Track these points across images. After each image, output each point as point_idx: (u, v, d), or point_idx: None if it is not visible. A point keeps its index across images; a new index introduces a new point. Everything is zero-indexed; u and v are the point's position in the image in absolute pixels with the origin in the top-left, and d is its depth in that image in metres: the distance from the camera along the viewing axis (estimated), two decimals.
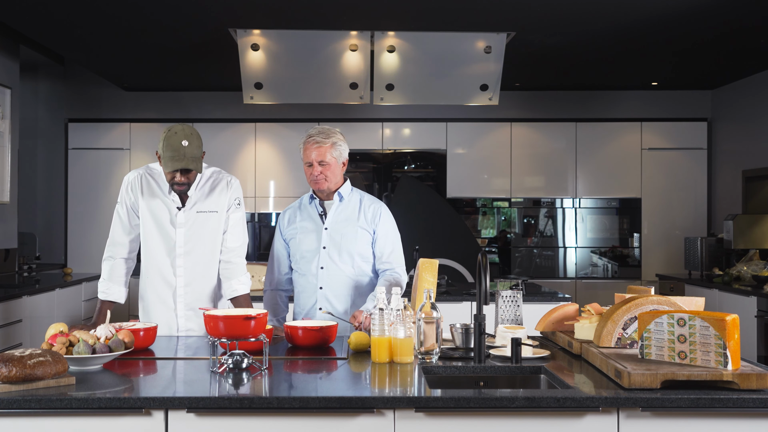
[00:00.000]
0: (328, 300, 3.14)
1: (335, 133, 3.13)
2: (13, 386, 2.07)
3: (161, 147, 2.96)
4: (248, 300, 3.15)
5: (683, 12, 5.10)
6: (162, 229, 3.09)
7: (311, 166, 3.10)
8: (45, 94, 7.81)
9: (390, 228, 3.20)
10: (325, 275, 3.14)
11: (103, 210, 7.66)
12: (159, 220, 3.09)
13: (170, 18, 5.28)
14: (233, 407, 2.04)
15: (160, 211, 3.09)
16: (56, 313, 5.70)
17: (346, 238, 3.13)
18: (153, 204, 3.10)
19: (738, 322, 2.13)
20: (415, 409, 2.05)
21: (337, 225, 3.15)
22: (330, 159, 3.09)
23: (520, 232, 7.92)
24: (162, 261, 3.10)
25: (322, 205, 3.20)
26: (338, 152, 3.11)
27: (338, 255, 3.13)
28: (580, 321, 2.70)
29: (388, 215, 3.22)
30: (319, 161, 3.08)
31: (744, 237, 6.51)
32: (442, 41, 5.73)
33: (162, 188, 3.10)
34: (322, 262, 3.14)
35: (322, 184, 3.12)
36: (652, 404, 2.04)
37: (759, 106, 7.15)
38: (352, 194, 3.22)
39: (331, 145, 3.09)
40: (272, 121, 7.78)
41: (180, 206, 3.09)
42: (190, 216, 3.09)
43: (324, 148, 3.08)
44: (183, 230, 3.08)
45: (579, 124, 7.82)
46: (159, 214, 3.09)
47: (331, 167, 3.10)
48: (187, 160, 2.94)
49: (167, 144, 2.94)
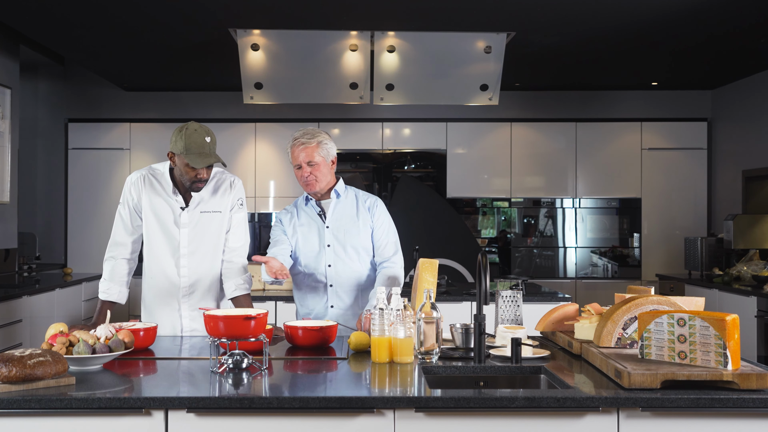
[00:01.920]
0: (338, 296, 3.16)
1: (320, 133, 3.14)
2: (13, 386, 2.07)
3: (181, 146, 2.93)
4: (249, 300, 3.14)
5: (683, 12, 5.10)
6: (166, 229, 3.09)
7: (300, 168, 3.12)
8: (45, 94, 7.81)
9: (386, 219, 3.24)
10: (333, 272, 3.15)
11: (103, 210, 7.67)
12: (163, 220, 3.09)
13: (170, 18, 5.28)
14: (233, 407, 2.04)
15: (164, 211, 3.09)
16: (56, 313, 5.70)
17: (350, 234, 3.15)
18: (156, 204, 3.09)
19: (738, 322, 2.13)
20: (415, 409, 2.05)
21: (339, 222, 3.17)
22: (318, 159, 3.10)
23: (520, 232, 7.92)
24: (166, 261, 3.10)
25: (319, 205, 3.21)
26: (325, 151, 3.12)
27: (344, 251, 3.15)
28: (580, 321, 2.70)
29: (384, 207, 3.26)
30: (308, 162, 3.09)
31: (744, 237, 6.51)
32: (442, 41, 5.73)
33: (165, 189, 3.10)
34: (328, 260, 3.15)
35: (313, 185, 3.13)
36: (652, 404, 2.04)
37: (759, 106, 7.15)
38: (348, 191, 3.25)
39: (317, 145, 3.10)
40: (272, 121, 7.78)
41: (183, 206, 3.09)
42: (194, 216, 3.09)
43: (310, 149, 3.09)
44: (187, 230, 3.09)
45: (579, 124, 7.82)
46: (163, 215, 3.09)
47: (319, 167, 3.11)
48: (214, 156, 2.96)
49: (191, 141, 2.92)
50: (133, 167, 7.70)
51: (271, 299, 4.71)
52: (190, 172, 2.99)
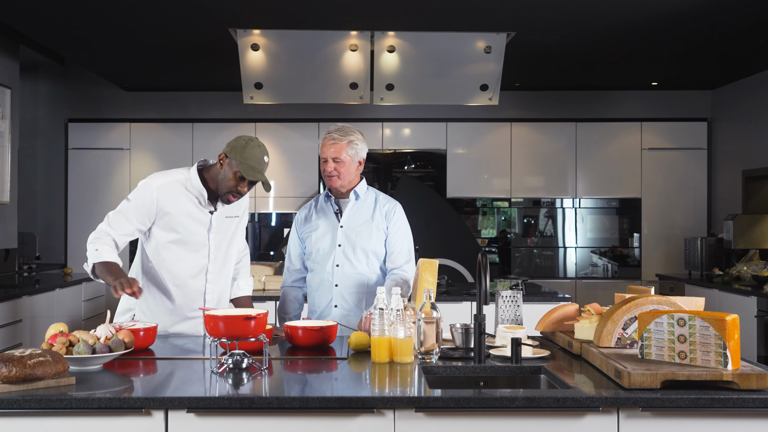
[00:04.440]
0: (343, 297, 3.16)
1: (354, 132, 3.15)
2: (13, 386, 2.07)
3: (241, 155, 2.86)
4: (249, 301, 3.16)
5: (683, 12, 5.10)
6: (195, 235, 2.99)
7: (326, 162, 3.13)
8: (45, 94, 7.81)
9: (402, 226, 3.23)
10: (340, 273, 3.15)
11: (103, 210, 7.60)
12: (192, 226, 2.98)
13: (170, 18, 5.28)
14: (233, 407, 2.04)
15: (196, 216, 2.99)
16: (56, 313, 5.69)
17: (362, 237, 3.15)
18: (189, 209, 2.98)
19: (738, 322, 2.13)
20: (415, 409, 2.05)
21: (353, 223, 3.17)
22: (345, 157, 3.11)
23: (520, 232, 7.92)
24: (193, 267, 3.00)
25: (337, 204, 3.22)
26: (354, 151, 3.13)
27: (353, 253, 3.15)
28: (580, 321, 2.70)
29: (402, 214, 3.25)
30: (334, 158, 3.10)
31: (744, 237, 6.51)
32: (442, 41, 5.73)
33: (195, 194, 2.98)
34: (337, 260, 3.15)
35: (334, 181, 3.13)
36: (652, 404, 2.04)
37: (759, 106, 7.15)
38: (368, 193, 3.24)
39: (347, 143, 3.11)
40: (272, 121, 7.78)
41: (213, 210, 3.03)
42: (221, 222, 3.05)
43: (339, 146, 3.10)
44: (214, 235, 3.03)
45: (579, 124, 7.82)
46: (194, 220, 2.99)
47: (345, 165, 3.12)
48: (264, 175, 2.92)
49: (251, 154, 2.88)
50: (133, 167, 7.70)
51: (271, 299, 4.70)
52: (234, 183, 2.91)
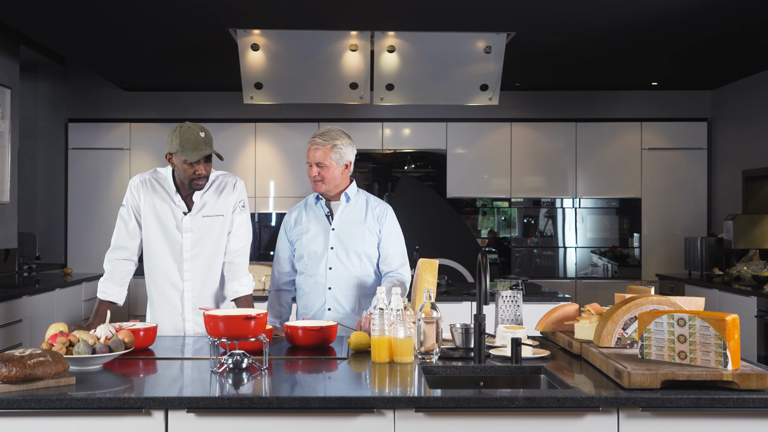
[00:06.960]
0: (336, 300, 3.14)
1: (339, 135, 3.10)
2: (13, 386, 2.07)
3: (176, 144, 2.95)
4: (250, 301, 3.15)
5: (683, 12, 5.10)
6: (168, 233, 3.08)
7: (311, 167, 3.11)
8: (45, 94, 7.81)
9: (394, 228, 3.21)
10: (333, 276, 3.14)
11: (103, 210, 7.66)
12: (165, 224, 3.08)
13: (170, 18, 5.28)
14: (233, 407, 2.04)
15: (166, 215, 3.09)
16: (56, 313, 5.69)
17: (354, 239, 3.14)
18: (159, 208, 3.09)
19: (738, 322, 2.13)
20: (415, 409, 2.05)
21: (345, 226, 3.15)
22: (329, 162, 3.08)
23: (520, 232, 7.92)
24: (169, 265, 3.10)
25: (328, 206, 3.20)
26: (338, 155, 3.09)
27: (346, 255, 3.13)
28: (580, 321, 2.70)
29: (393, 216, 3.23)
30: (317, 163, 3.08)
31: (744, 237, 6.51)
32: (442, 41, 5.73)
33: (169, 192, 3.09)
34: (330, 262, 3.14)
35: (319, 186, 3.12)
36: (652, 404, 2.04)
37: (759, 106, 7.15)
38: (359, 195, 3.22)
39: (331, 148, 3.08)
40: (272, 121, 7.78)
41: (186, 211, 3.09)
42: (196, 221, 3.09)
43: (323, 150, 3.08)
44: (189, 235, 3.08)
45: (579, 124, 7.82)
46: (165, 219, 3.08)
47: (329, 169, 3.09)
48: (209, 147, 2.97)
49: (185, 138, 2.94)
50: (133, 167, 7.70)
51: None
52: (188, 169, 2.99)
